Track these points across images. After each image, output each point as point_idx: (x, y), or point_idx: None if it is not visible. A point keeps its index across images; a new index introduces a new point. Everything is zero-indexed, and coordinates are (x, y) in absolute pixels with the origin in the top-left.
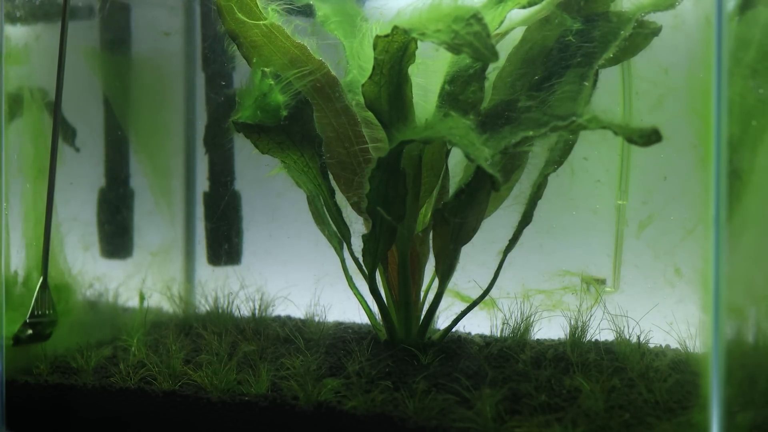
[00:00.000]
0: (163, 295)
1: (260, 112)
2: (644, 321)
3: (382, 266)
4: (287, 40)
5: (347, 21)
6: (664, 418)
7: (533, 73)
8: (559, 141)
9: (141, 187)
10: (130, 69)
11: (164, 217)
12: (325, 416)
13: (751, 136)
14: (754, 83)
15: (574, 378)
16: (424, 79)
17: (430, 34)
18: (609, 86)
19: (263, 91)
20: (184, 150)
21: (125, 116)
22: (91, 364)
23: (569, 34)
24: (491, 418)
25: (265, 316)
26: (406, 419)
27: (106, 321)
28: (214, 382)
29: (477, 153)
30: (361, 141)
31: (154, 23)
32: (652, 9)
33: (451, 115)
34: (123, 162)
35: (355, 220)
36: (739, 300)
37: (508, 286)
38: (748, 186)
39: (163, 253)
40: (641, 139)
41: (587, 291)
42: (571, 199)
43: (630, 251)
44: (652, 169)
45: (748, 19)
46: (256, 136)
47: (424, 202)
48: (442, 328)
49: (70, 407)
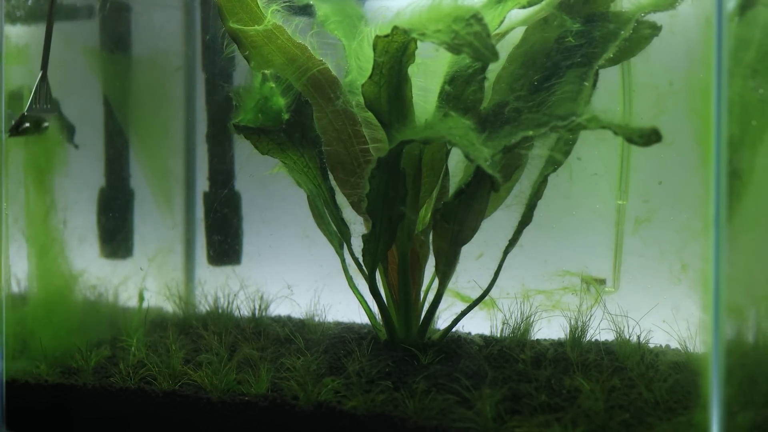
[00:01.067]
0: (163, 295)
1: (261, 115)
2: (644, 321)
3: (382, 266)
4: (287, 40)
5: (347, 21)
6: (664, 418)
7: (533, 74)
8: (559, 141)
9: (141, 187)
10: (130, 69)
11: (164, 217)
12: (325, 416)
13: (751, 136)
14: (754, 83)
15: (574, 378)
16: (424, 79)
17: (430, 35)
18: (609, 86)
19: (264, 95)
20: (184, 150)
21: (125, 116)
22: (91, 364)
23: (569, 35)
24: (491, 418)
25: (264, 316)
26: (406, 419)
27: (106, 321)
28: (214, 382)
29: (477, 153)
30: (361, 141)
31: (154, 23)
32: (652, 9)
33: (450, 115)
34: (123, 162)
35: (355, 220)
36: (739, 300)
37: (508, 286)
38: (748, 186)
39: (162, 253)
40: (641, 139)
41: (587, 291)
42: (568, 198)
43: (630, 251)
44: (652, 169)
45: (748, 19)
46: (256, 137)
47: (424, 202)
48: (442, 328)
49: (70, 407)
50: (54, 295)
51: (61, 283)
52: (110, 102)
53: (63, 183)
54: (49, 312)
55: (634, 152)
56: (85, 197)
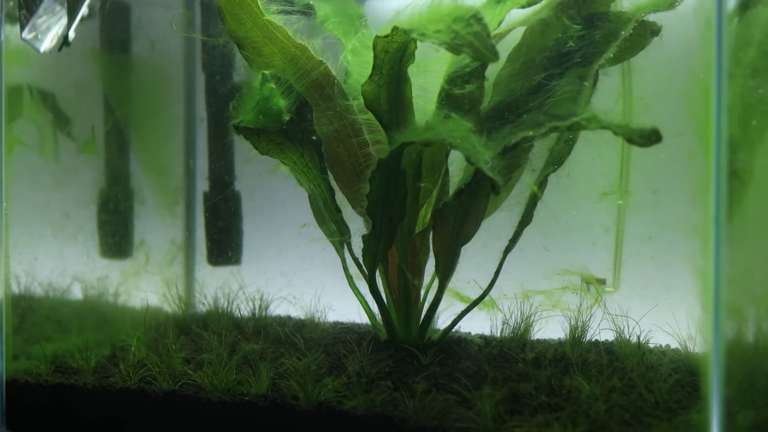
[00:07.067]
0: (163, 296)
1: (262, 116)
2: (644, 321)
3: (382, 266)
4: (288, 40)
5: (347, 21)
6: (664, 418)
7: (533, 74)
8: (559, 141)
9: (141, 187)
10: (130, 69)
11: (164, 217)
12: (325, 416)
13: (751, 136)
14: (754, 83)
15: (574, 378)
16: (424, 79)
17: (430, 35)
18: (609, 86)
19: (265, 96)
20: (184, 150)
21: (125, 116)
22: (91, 364)
23: (569, 35)
24: (491, 418)
25: (265, 316)
26: (406, 419)
27: (106, 321)
28: (214, 382)
29: (477, 156)
30: (361, 141)
31: (154, 23)
32: (652, 9)
33: (451, 117)
34: (123, 162)
35: (355, 220)
36: (739, 300)
37: (507, 286)
38: (748, 186)
39: (162, 253)
40: (641, 139)
41: (587, 291)
42: (569, 197)
43: (630, 251)
44: (652, 168)
45: (748, 19)
46: (256, 137)
47: (424, 202)
48: (442, 328)
49: (70, 407)
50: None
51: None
52: (110, 101)
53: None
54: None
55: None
56: (84, 197)
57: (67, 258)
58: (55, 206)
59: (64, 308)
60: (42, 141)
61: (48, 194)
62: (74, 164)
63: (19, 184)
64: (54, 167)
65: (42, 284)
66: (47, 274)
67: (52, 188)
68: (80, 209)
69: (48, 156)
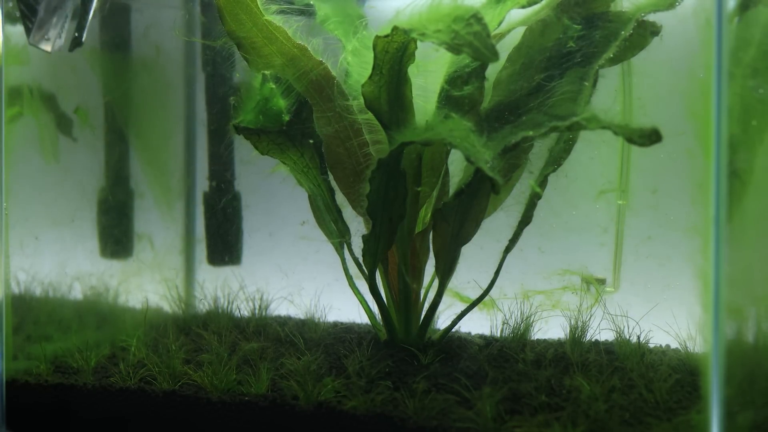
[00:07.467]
0: (163, 296)
1: (262, 116)
2: (644, 321)
3: (382, 266)
4: (287, 40)
5: (347, 21)
6: (664, 418)
7: (533, 74)
8: (559, 141)
9: (141, 187)
10: (130, 69)
11: (164, 217)
12: (325, 416)
13: (751, 136)
14: (754, 83)
15: (574, 378)
16: (424, 79)
17: (430, 35)
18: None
19: (265, 96)
20: (184, 150)
21: (125, 115)
22: (91, 364)
23: (569, 35)
24: (491, 418)
25: (265, 316)
26: (406, 419)
27: (106, 321)
28: (214, 382)
29: (477, 156)
30: (361, 141)
31: (154, 22)
32: (652, 9)
33: (451, 117)
34: (123, 162)
35: (355, 220)
36: (739, 300)
37: (507, 286)
38: (748, 186)
39: (162, 253)
40: (641, 139)
41: (587, 291)
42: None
43: (630, 251)
44: (652, 168)
45: (748, 19)
46: (256, 137)
47: (424, 202)
48: (442, 328)
49: (70, 407)
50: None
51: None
52: (110, 101)
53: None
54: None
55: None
56: (84, 197)
57: (67, 258)
58: (55, 206)
59: (64, 308)
60: (42, 141)
61: (48, 194)
62: (74, 164)
63: (20, 184)
64: (54, 167)
65: (42, 284)
66: (47, 273)
67: (52, 188)
68: (80, 209)
69: (48, 156)
